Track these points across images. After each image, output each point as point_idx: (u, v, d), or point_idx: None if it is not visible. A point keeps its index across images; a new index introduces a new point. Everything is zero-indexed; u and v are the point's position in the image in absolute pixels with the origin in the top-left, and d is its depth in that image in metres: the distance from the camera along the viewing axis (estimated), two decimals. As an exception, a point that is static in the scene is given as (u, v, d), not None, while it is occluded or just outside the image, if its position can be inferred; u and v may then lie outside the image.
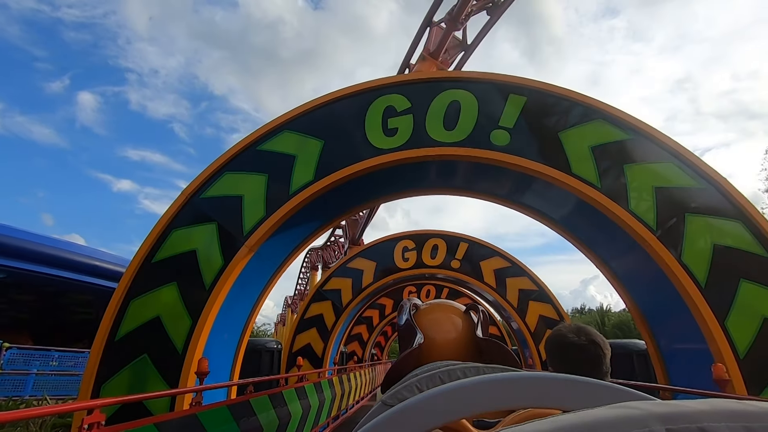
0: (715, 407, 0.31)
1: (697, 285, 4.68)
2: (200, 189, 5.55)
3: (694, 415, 0.30)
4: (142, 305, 5.08)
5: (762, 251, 4.75)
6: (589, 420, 0.31)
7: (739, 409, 0.30)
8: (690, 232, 4.89)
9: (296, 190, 5.46)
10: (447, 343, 2.17)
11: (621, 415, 0.31)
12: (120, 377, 4.86)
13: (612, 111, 5.44)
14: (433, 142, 5.52)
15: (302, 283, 34.97)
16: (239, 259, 5.23)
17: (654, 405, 0.32)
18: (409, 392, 0.94)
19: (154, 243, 5.32)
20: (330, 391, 8.02)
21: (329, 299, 11.78)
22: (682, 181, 5.10)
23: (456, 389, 0.59)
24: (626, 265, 5.70)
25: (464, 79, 5.82)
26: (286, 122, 5.78)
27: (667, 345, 5.56)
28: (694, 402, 0.32)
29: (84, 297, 20.89)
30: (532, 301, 11.59)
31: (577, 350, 1.23)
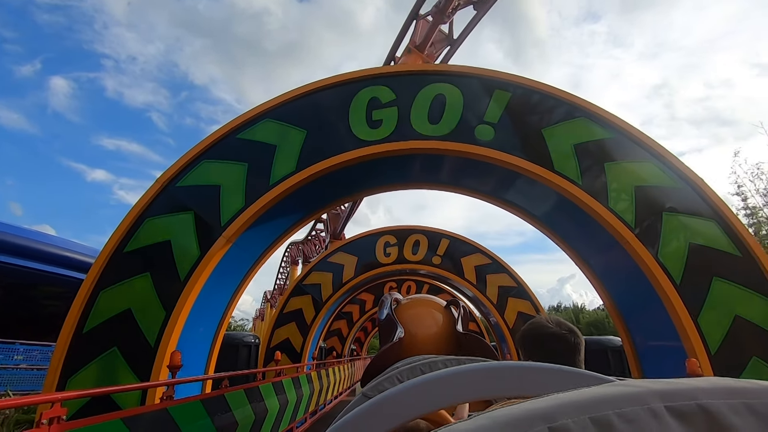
0: (713, 384, 0.31)
1: (672, 282, 4.77)
2: (176, 177, 5.36)
3: (692, 392, 0.30)
4: (112, 297, 4.88)
5: (734, 250, 4.87)
6: (589, 397, 0.31)
7: (738, 386, 0.30)
8: (667, 230, 4.98)
9: (277, 180, 5.32)
10: (427, 338, 2.16)
11: (621, 392, 0.31)
12: (87, 371, 4.66)
13: (595, 110, 5.48)
14: (417, 135, 5.46)
15: (282, 277, 34.59)
16: (216, 250, 5.07)
17: (653, 382, 0.32)
18: (390, 384, 0.93)
19: (126, 232, 5.11)
20: (308, 386, 7.91)
21: (309, 293, 11.64)
22: (661, 180, 5.19)
23: (436, 379, 0.58)
24: (605, 262, 5.78)
25: (450, 72, 5.77)
26: (268, 110, 5.62)
27: (642, 341, 5.67)
28: (692, 379, 0.32)
29: (54, 289, 20.16)
30: (512, 297, 11.73)
31: (556, 339, 1.24)
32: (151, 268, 4.99)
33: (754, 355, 4.53)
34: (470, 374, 0.58)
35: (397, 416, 0.57)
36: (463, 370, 0.58)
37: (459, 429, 0.32)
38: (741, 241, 4.89)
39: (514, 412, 0.32)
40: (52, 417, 2.04)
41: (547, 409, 0.31)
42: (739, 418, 0.29)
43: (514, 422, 0.30)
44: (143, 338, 4.78)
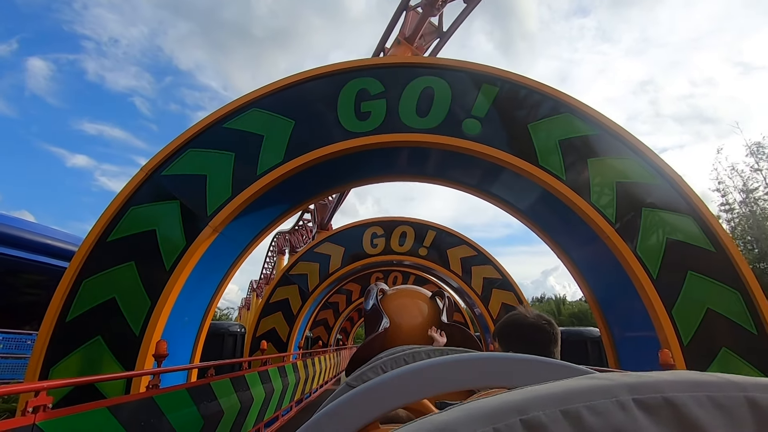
0: (678, 378, 0.32)
1: (649, 276, 4.93)
2: (162, 165, 5.30)
3: (659, 385, 0.31)
4: (95, 285, 4.84)
5: (709, 246, 5.05)
6: (561, 390, 0.32)
7: (702, 379, 0.31)
8: (646, 225, 5.13)
9: (264, 170, 5.31)
10: (412, 328, 2.27)
11: (590, 385, 0.32)
12: (70, 360, 4.63)
13: (580, 106, 5.58)
14: (405, 128, 5.49)
15: (268, 267, 34.44)
16: (202, 240, 5.05)
17: (622, 375, 0.33)
18: (374, 373, 0.94)
19: (110, 221, 5.05)
20: (294, 375, 7.98)
21: (296, 283, 11.66)
22: (642, 177, 5.32)
23: (419, 369, 0.58)
24: (586, 255, 5.93)
25: (439, 66, 5.79)
26: (256, 100, 5.58)
27: (619, 332, 5.86)
28: (659, 373, 0.33)
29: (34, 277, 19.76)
30: (496, 289, 11.93)
31: (534, 330, 1.28)
32: (136, 257, 4.95)
33: (724, 346, 4.72)
34: (449, 365, 0.58)
35: (379, 407, 0.57)
36: (443, 362, 0.59)
37: (435, 420, 0.32)
38: (716, 237, 5.07)
39: (488, 404, 0.32)
40: (38, 405, 2.05)
41: (520, 401, 0.32)
42: (703, 410, 0.30)
43: (489, 414, 0.31)
44: (128, 327, 4.76)
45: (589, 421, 0.30)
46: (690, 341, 4.75)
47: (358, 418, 0.57)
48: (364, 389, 0.59)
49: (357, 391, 0.59)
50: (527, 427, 0.30)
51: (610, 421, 0.30)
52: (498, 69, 5.74)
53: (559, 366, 0.58)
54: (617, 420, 0.30)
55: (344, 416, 0.57)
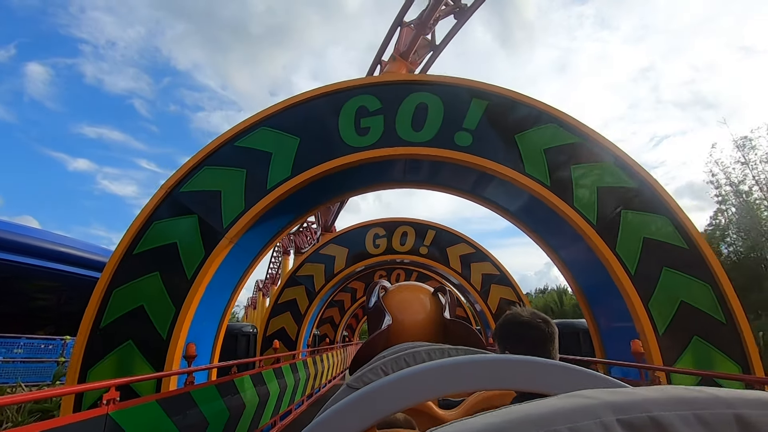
0: (665, 395, 0.31)
1: (627, 272, 5.41)
2: (180, 183, 5.78)
3: (644, 404, 0.30)
4: (125, 295, 5.34)
5: (682, 243, 5.51)
6: (543, 411, 0.31)
7: (688, 396, 0.31)
8: (624, 226, 5.59)
9: (274, 185, 5.78)
10: (415, 325, 2.27)
11: (573, 406, 0.31)
12: (106, 362, 5.14)
13: (563, 116, 6.03)
14: (402, 142, 5.95)
15: (273, 267, 35.04)
16: (220, 250, 5.55)
17: (606, 394, 0.32)
18: (375, 375, 0.94)
19: (136, 235, 5.55)
20: (304, 371, 8.51)
21: (302, 284, 12.19)
22: (621, 181, 5.78)
23: (418, 374, 0.58)
24: (572, 253, 6.41)
25: (432, 82, 6.24)
26: (263, 119, 6.05)
27: (605, 323, 6.35)
28: (645, 389, 0.32)
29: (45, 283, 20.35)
30: (494, 284, 12.44)
31: (533, 329, 1.28)
32: (160, 268, 5.45)
33: (696, 335, 5.20)
34: (447, 369, 0.58)
35: (370, 417, 0.57)
36: (440, 365, 0.58)
37: None
38: (688, 235, 5.53)
39: (469, 427, 0.32)
40: (110, 399, 2.56)
41: (500, 424, 0.30)
42: (690, 428, 0.29)
43: None
44: (156, 332, 5.27)
45: None
46: (665, 331, 5.23)
47: (353, 426, 0.57)
48: (355, 398, 0.59)
49: (348, 400, 0.60)
50: None
51: None
52: (487, 84, 6.19)
53: (552, 366, 0.57)
54: None
55: (337, 426, 0.57)
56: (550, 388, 0.54)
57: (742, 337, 5.14)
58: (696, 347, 5.17)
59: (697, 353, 5.16)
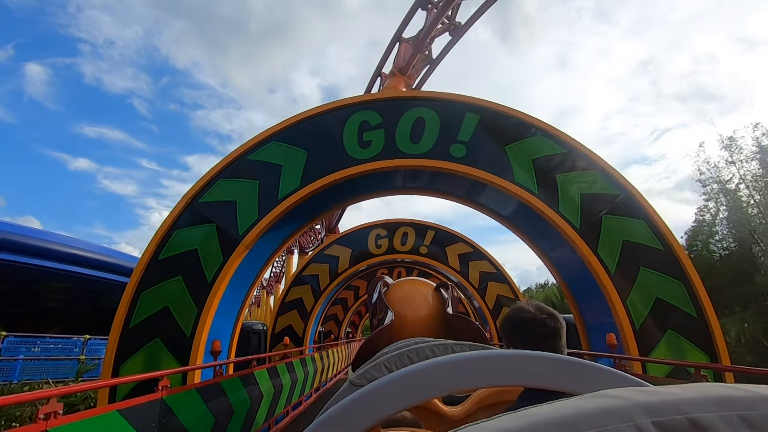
0: (703, 394, 0.29)
1: (607, 272, 5.94)
2: (198, 194, 6.32)
3: (682, 405, 0.28)
4: (151, 297, 5.89)
5: (658, 245, 6.04)
6: (569, 413, 0.29)
7: (730, 395, 0.28)
8: (605, 230, 6.12)
9: (284, 195, 6.31)
10: (417, 320, 2.24)
11: (603, 407, 0.29)
12: (136, 358, 5.70)
13: (549, 128, 6.54)
14: (401, 154, 6.47)
15: (277, 266, 35.65)
16: (236, 255, 6.09)
17: (637, 393, 0.30)
18: (378, 372, 0.92)
19: (160, 242, 6.09)
20: (312, 366, 9.09)
21: (308, 284, 12.76)
22: (603, 188, 6.30)
23: (423, 371, 0.57)
24: (559, 255, 6.94)
25: (428, 98, 6.76)
26: (274, 134, 6.58)
27: (590, 318, 6.89)
28: (680, 388, 0.30)
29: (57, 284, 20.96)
30: (492, 282, 12.99)
31: (537, 325, 1.24)
32: (183, 272, 6.00)
33: (670, 328, 5.74)
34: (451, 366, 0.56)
35: (373, 415, 0.57)
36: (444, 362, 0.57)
37: None
38: (663, 237, 6.05)
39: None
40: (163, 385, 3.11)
41: (523, 428, 0.28)
42: (734, 430, 0.27)
43: None
44: (180, 330, 5.82)
45: None
46: (641, 325, 5.77)
47: (355, 426, 0.56)
48: (358, 396, 0.58)
49: (351, 398, 0.59)
50: None
51: None
52: (479, 99, 6.70)
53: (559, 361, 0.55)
54: None
55: (339, 426, 0.56)
56: (561, 384, 0.53)
57: (710, 330, 5.68)
58: (669, 339, 5.71)
59: (670, 345, 5.70)
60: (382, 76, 10.71)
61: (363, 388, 0.59)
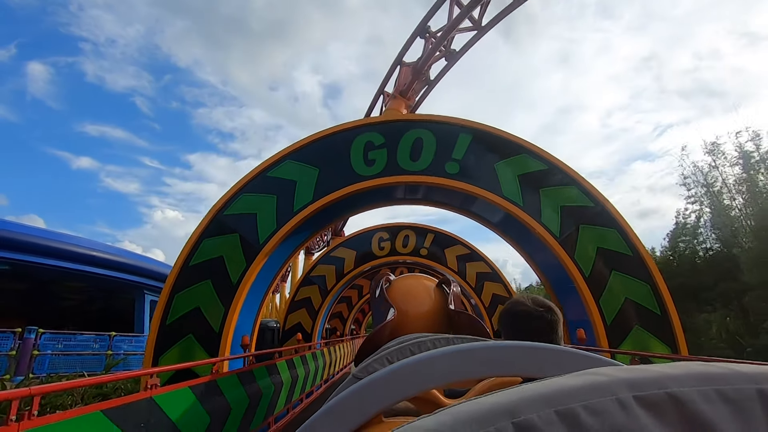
0: (683, 370, 0.30)
1: (583, 276, 6.77)
2: (223, 207, 7.18)
3: (661, 380, 0.29)
4: (184, 298, 6.76)
5: (628, 251, 6.87)
6: (554, 389, 0.30)
7: (708, 371, 0.30)
8: (582, 238, 6.95)
9: (299, 208, 7.16)
10: (419, 316, 2.26)
11: (586, 383, 0.30)
12: (173, 351, 6.57)
13: (533, 148, 7.36)
14: (401, 171, 7.31)
15: (282, 264, 36.54)
16: (258, 262, 6.94)
17: (620, 371, 0.31)
18: (380, 365, 0.93)
19: (190, 250, 6.95)
20: (322, 359, 9.97)
21: (316, 284, 13.66)
22: (580, 201, 7.13)
23: (423, 361, 0.58)
24: (542, 259, 7.78)
25: (425, 120, 7.59)
26: (289, 154, 7.42)
27: (571, 315, 7.72)
28: (661, 366, 0.31)
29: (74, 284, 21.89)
30: (487, 281, 13.86)
31: (533, 318, 1.26)
32: (211, 277, 6.86)
33: (636, 324, 6.58)
34: (452, 357, 0.57)
35: (376, 403, 0.58)
36: (446, 353, 0.58)
37: (420, 426, 0.31)
38: (633, 244, 6.88)
39: (477, 407, 0.31)
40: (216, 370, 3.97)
41: (510, 403, 0.30)
42: (711, 405, 0.28)
43: (477, 418, 0.30)
44: (210, 327, 6.68)
45: (587, 422, 0.28)
46: (612, 322, 6.61)
47: (355, 415, 0.57)
48: (358, 387, 0.59)
49: (353, 389, 0.60)
50: (519, 431, 0.28)
51: (610, 422, 0.28)
52: (471, 121, 7.53)
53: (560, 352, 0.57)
54: (617, 420, 0.28)
55: (340, 415, 0.58)
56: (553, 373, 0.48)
57: (672, 325, 6.52)
58: (636, 333, 6.55)
59: (636, 338, 6.54)
60: (385, 95, 11.56)
61: (363, 379, 0.61)
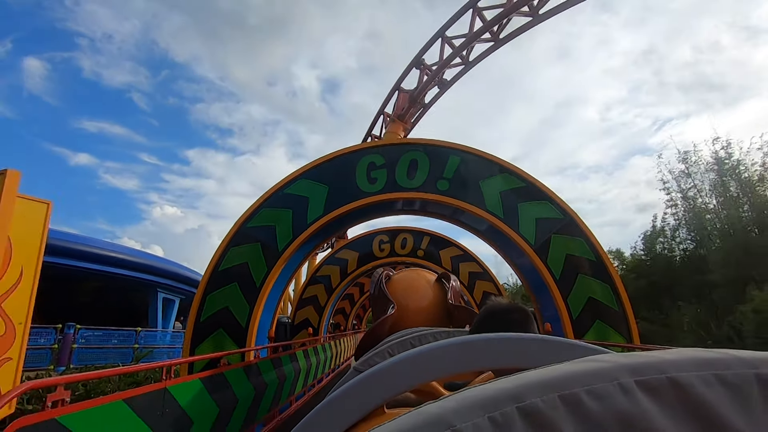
0: (682, 356, 0.31)
1: (553, 278, 7.99)
2: (247, 220, 8.36)
3: (662, 365, 0.30)
4: (215, 298, 7.96)
5: (592, 257, 8.08)
6: (558, 374, 0.31)
7: (708, 357, 0.31)
8: (553, 246, 8.16)
9: (311, 221, 8.35)
10: (419, 310, 2.33)
11: (588, 369, 0.31)
12: (206, 343, 7.78)
13: (513, 168, 8.55)
14: (399, 188, 8.49)
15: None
16: (278, 268, 8.14)
17: (621, 356, 0.32)
18: (381, 358, 0.98)
19: (219, 257, 8.15)
20: (330, 351, 11.22)
21: (321, 283, 14.88)
22: (553, 214, 8.32)
23: (423, 354, 0.59)
24: (521, 263, 8.99)
25: (420, 143, 8.76)
26: (303, 173, 8.60)
27: (544, 311, 8.94)
28: (662, 352, 0.33)
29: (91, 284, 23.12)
30: (479, 280, 15.11)
31: (513, 310, 1.34)
32: (238, 280, 8.06)
33: (598, 319, 7.80)
34: (453, 348, 0.58)
35: (379, 394, 0.59)
36: (447, 345, 0.59)
37: (425, 411, 0.31)
38: (597, 251, 8.09)
39: (482, 392, 0.31)
40: (254, 355, 5.16)
41: (515, 388, 0.30)
42: (710, 389, 0.29)
43: (482, 403, 0.30)
44: (238, 323, 7.89)
45: (589, 406, 0.29)
46: (577, 317, 7.83)
47: (358, 406, 0.59)
48: (360, 379, 0.61)
49: (356, 380, 0.61)
50: (523, 415, 0.29)
51: (612, 406, 0.29)
52: (460, 144, 8.70)
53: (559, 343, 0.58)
54: (619, 404, 0.29)
55: (343, 407, 0.59)
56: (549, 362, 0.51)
57: (627, 319, 7.75)
58: (597, 327, 7.78)
59: (598, 330, 7.77)
60: (384, 115, 12.78)
61: (367, 370, 0.62)
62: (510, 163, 8.61)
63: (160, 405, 3.77)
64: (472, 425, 0.28)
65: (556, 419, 0.28)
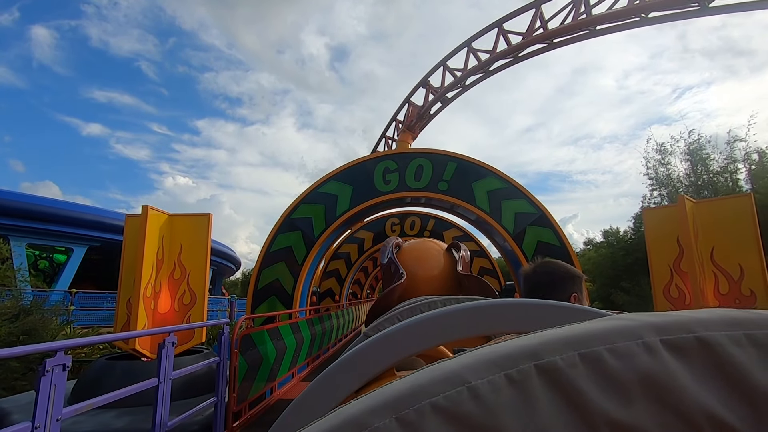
0: (713, 315, 0.30)
1: (526, 259, 10.35)
2: (291, 212, 10.79)
3: (690, 324, 0.29)
4: (268, 273, 10.50)
5: (558, 243, 10.41)
6: (578, 332, 0.30)
7: (739, 316, 0.29)
8: (528, 235, 10.48)
9: (340, 214, 10.74)
10: (429, 279, 2.40)
11: (611, 327, 0.30)
12: (263, 306, 10.38)
13: (498, 172, 10.78)
14: (408, 189, 10.79)
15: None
16: (314, 250, 10.62)
17: (648, 315, 0.31)
18: (390, 323, 0.96)
19: (271, 241, 10.64)
20: (351, 314, 13.88)
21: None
22: (528, 209, 10.60)
23: (433, 317, 0.60)
24: (504, 246, 11.36)
25: (426, 152, 11.00)
26: (334, 175, 10.93)
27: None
28: (691, 311, 0.31)
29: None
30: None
31: (531, 275, 1.40)
32: (285, 259, 10.56)
33: (559, 291, 10.20)
34: (461, 312, 0.59)
35: (391, 355, 0.60)
36: (455, 309, 0.60)
37: (443, 367, 0.31)
38: (561, 239, 10.41)
39: (499, 349, 0.31)
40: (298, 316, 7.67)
41: (533, 346, 0.30)
42: (741, 349, 0.28)
43: (499, 360, 0.29)
44: (286, 292, 10.45)
45: (611, 365, 0.28)
46: (543, 289, 10.22)
47: (371, 366, 0.60)
48: (375, 340, 0.62)
49: (370, 341, 0.62)
50: (541, 373, 0.28)
51: (635, 365, 0.28)
52: (457, 153, 10.92)
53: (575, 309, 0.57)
54: (643, 363, 0.28)
55: (355, 367, 0.61)
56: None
57: (582, 292, 10.14)
58: (558, 297, 10.19)
59: (558, 300, 10.17)
60: (396, 123, 14.78)
61: (375, 335, 0.64)
62: (496, 169, 10.84)
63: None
64: (487, 382, 0.28)
65: (575, 377, 0.28)
